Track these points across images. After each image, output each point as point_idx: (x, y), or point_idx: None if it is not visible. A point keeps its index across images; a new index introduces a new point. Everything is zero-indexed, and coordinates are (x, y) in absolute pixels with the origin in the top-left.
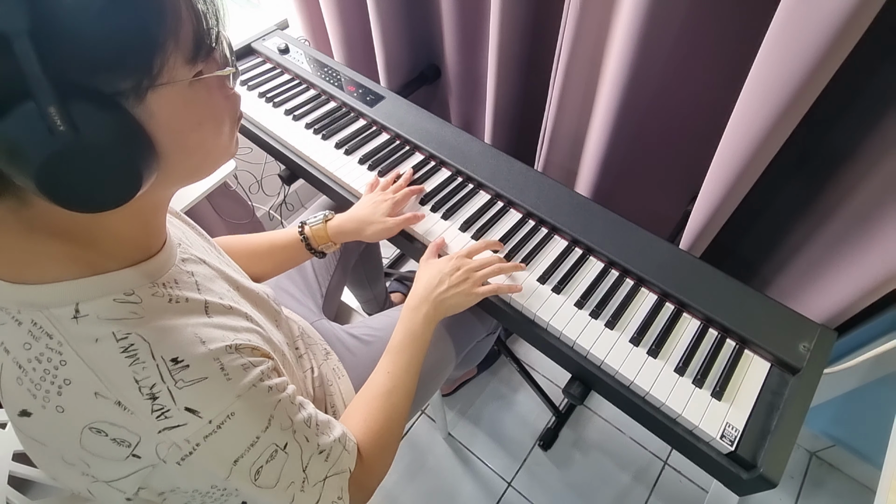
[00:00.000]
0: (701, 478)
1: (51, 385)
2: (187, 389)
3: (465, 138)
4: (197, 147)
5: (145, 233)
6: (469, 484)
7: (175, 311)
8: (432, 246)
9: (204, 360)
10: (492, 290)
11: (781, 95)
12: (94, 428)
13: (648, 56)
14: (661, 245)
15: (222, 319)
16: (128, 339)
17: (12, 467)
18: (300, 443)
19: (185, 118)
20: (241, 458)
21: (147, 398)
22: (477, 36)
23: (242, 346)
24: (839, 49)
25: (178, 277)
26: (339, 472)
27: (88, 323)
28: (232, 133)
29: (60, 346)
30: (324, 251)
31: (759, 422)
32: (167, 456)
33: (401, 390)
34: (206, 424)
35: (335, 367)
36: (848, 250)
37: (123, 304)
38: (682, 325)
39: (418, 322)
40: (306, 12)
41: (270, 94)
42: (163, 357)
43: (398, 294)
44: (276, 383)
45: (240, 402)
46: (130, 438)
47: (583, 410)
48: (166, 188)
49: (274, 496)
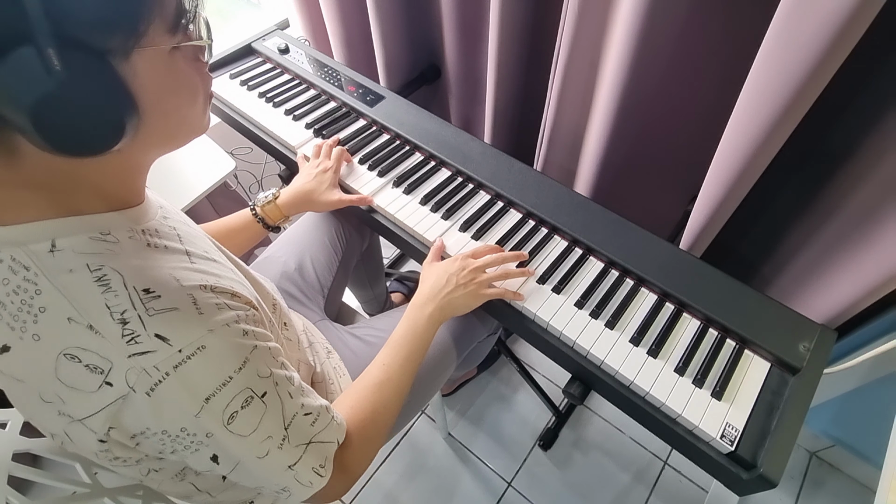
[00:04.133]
0: (701, 478)
1: (27, 315)
2: (157, 317)
3: (465, 138)
4: (173, 111)
5: (124, 189)
6: (469, 484)
7: (153, 253)
8: (434, 249)
9: (176, 293)
10: (498, 294)
11: (781, 95)
12: (68, 354)
13: (648, 56)
14: (661, 245)
15: (204, 265)
16: (101, 270)
17: (12, 467)
18: (282, 397)
19: (164, 82)
20: (213, 396)
21: (118, 322)
22: (477, 36)
23: (220, 289)
24: (839, 49)
25: (159, 228)
26: (325, 441)
27: (63, 256)
28: (205, 108)
29: (36, 276)
30: (279, 227)
31: (759, 422)
32: (136, 384)
33: (393, 384)
34: (175, 353)
35: (336, 366)
36: (848, 251)
37: (99, 241)
38: (682, 325)
39: (422, 321)
40: (306, 12)
41: (270, 94)
42: (135, 287)
43: (398, 294)
44: (256, 331)
45: (212, 336)
46: (102, 364)
47: (583, 410)
48: (145, 150)
49: (248, 447)
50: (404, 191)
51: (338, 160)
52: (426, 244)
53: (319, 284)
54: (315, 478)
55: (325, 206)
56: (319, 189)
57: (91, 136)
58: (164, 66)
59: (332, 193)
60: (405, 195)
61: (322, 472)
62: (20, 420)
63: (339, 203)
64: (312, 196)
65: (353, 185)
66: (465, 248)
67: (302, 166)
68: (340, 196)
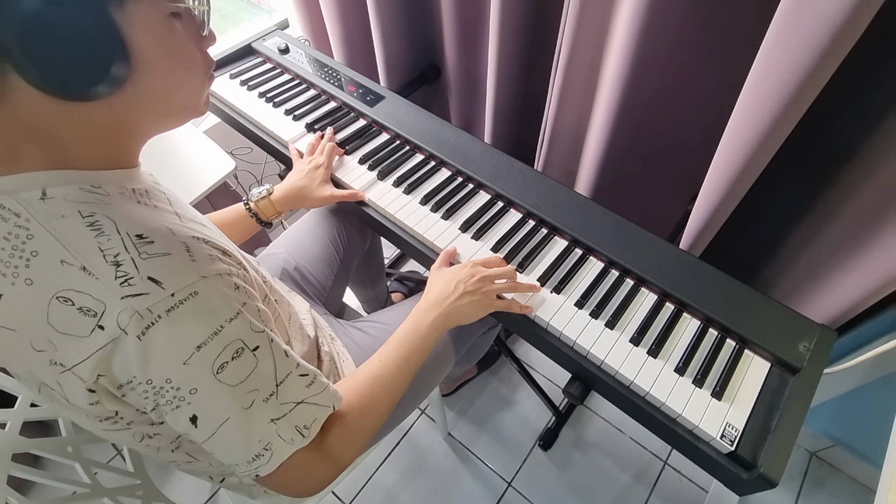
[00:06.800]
0: (701, 478)
1: (19, 260)
2: (150, 261)
3: (465, 138)
4: (167, 72)
5: (117, 150)
6: (469, 484)
7: (143, 208)
8: (444, 254)
9: (169, 239)
10: (505, 306)
11: (781, 95)
12: (60, 297)
13: (648, 56)
14: (661, 245)
15: (194, 226)
16: (93, 216)
17: (12, 467)
18: (275, 353)
19: (160, 41)
20: (205, 345)
21: (111, 264)
22: (477, 36)
23: (213, 243)
24: (839, 49)
25: (149, 190)
26: (318, 404)
27: (55, 203)
28: (203, 85)
29: (28, 222)
30: (271, 222)
31: (759, 422)
32: (129, 326)
33: (387, 381)
34: (168, 297)
35: (339, 352)
36: (850, 251)
37: (90, 192)
38: (682, 324)
39: (425, 325)
40: (306, 12)
41: (270, 94)
42: (128, 232)
43: (398, 294)
44: (248, 289)
45: (204, 282)
46: (96, 307)
47: (583, 410)
48: (138, 111)
49: (231, 396)
50: (404, 191)
51: (329, 156)
52: (426, 244)
53: (320, 283)
54: (297, 436)
55: (317, 202)
56: (312, 185)
57: (78, 72)
58: (161, 27)
59: (325, 189)
60: (405, 195)
61: (306, 432)
62: (20, 420)
63: (331, 198)
64: (305, 192)
65: (346, 180)
66: (476, 256)
67: (295, 162)
68: (332, 192)
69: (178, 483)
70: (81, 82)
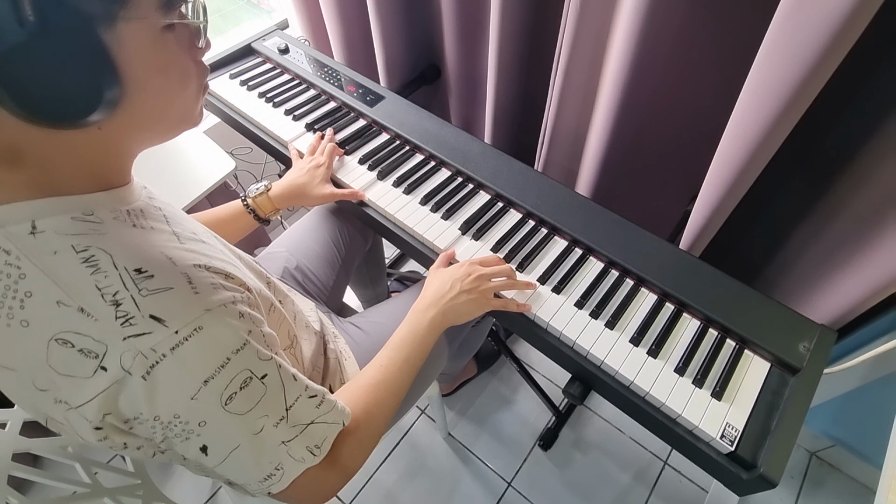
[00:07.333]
0: (701, 478)
1: (13, 300)
2: (151, 297)
3: (465, 138)
4: (161, 92)
5: (108, 170)
6: (469, 484)
7: (140, 233)
8: (442, 256)
9: (170, 272)
10: (502, 305)
11: (781, 95)
12: (59, 339)
13: (648, 56)
14: (661, 245)
15: (193, 246)
16: (88, 251)
17: (12, 467)
18: (283, 378)
19: (152, 60)
20: (212, 378)
21: (110, 304)
22: (477, 36)
23: (214, 268)
24: (838, 48)
25: (144, 209)
26: (328, 422)
27: (46, 238)
28: (197, 97)
29: (19, 260)
30: (269, 219)
31: (759, 422)
32: (133, 367)
33: (389, 385)
34: (172, 335)
35: (342, 350)
36: (850, 251)
37: (82, 222)
38: (682, 325)
39: (423, 325)
40: (306, 12)
41: (270, 94)
42: (125, 267)
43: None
44: (253, 314)
45: (209, 316)
46: (97, 349)
47: (583, 410)
48: (131, 131)
49: (241, 424)
50: (404, 191)
51: (330, 157)
52: (426, 244)
53: (322, 282)
54: (308, 455)
55: (316, 200)
56: (312, 183)
57: (65, 102)
58: (154, 44)
59: (324, 188)
60: (405, 195)
61: (317, 451)
62: (20, 420)
63: (330, 197)
64: (305, 190)
65: (346, 180)
66: (475, 256)
67: (295, 161)
68: (332, 190)
69: (178, 483)
70: (69, 112)
